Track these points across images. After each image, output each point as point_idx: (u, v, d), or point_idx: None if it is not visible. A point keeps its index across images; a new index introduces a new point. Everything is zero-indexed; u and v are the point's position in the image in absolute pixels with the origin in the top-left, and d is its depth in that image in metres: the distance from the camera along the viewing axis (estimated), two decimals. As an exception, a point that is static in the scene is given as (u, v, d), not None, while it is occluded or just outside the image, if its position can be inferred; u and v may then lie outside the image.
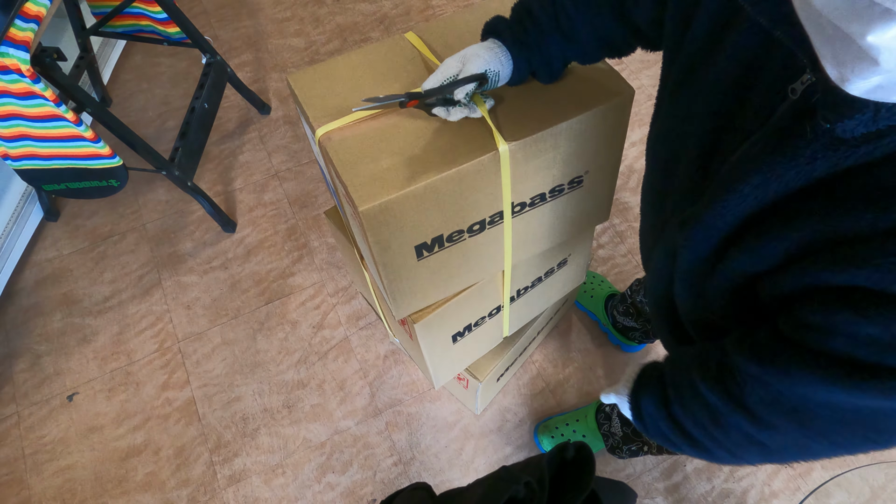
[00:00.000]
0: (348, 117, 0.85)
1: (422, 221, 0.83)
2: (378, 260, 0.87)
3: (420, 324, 1.03)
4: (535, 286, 1.21)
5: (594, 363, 1.60)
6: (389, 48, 0.95)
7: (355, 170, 0.80)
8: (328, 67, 0.93)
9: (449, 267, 0.96)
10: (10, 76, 1.20)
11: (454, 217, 0.86)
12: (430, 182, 0.78)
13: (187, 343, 1.67)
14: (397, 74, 0.90)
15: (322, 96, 0.89)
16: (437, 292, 1.01)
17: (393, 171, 0.78)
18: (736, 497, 1.42)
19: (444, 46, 0.93)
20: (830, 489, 1.12)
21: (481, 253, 0.97)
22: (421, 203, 0.80)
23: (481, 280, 1.05)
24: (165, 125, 2.07)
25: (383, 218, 0.79)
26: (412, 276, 0.93)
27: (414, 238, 0.85)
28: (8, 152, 1.41)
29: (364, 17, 2.32)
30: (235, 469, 1.50)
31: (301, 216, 1.87)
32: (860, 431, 0.52)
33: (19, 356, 1.67)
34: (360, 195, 0.77)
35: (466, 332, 1.17)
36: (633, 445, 1.35)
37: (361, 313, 1.69)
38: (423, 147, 0.81)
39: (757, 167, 0.50)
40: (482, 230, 0.92)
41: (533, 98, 0.84)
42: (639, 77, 2.09)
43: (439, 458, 1.49)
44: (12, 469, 1.52)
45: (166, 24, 1.71)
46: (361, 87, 0.89)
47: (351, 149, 0.82)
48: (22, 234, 1.75)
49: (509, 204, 0.89)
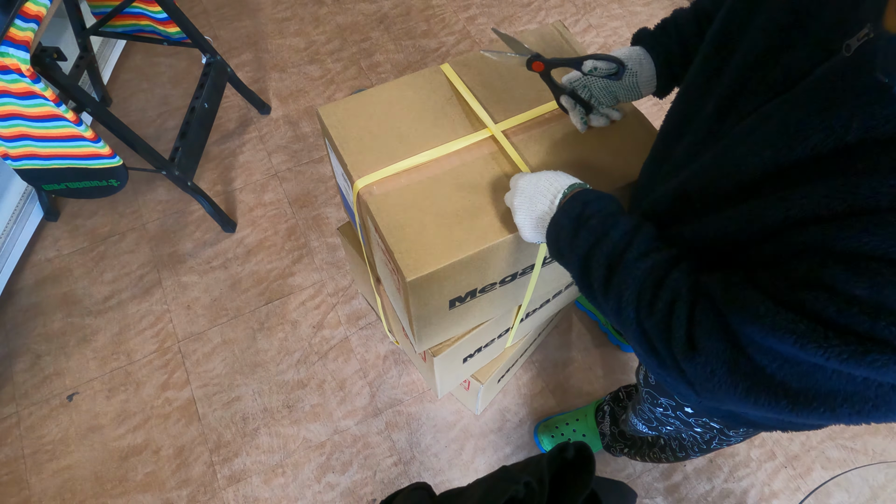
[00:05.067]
0: (389, 168, 0.81)
1: (461, 282, 0.82)
2: (413, 314, 0.85)
3: (439, 357, 1.03)
4: (543, 306, 1.22)
5: (594, 363, 1.60)
6: (425, 83, 0.91)
7: (401, 234, 0.77)
8: (361, 102, 0.89)
9: (475, 310, 0.95)
10: (10, 76, 1.20)
11: (492, 275, 0.85)
12: (478, 252, 0.77)
13: (187, 343, 1.67)
14: (437, 117, 0.87)
15: (359, 138, 0.85)
16: (458, 329, 1.01)
17: (438, 238, 0.76)
18: (736, 497, 1.42)
19: (483, 87, 0.90)
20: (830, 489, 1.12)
21: (507, 296, 0.97)
22: (464, 268, 0.79)
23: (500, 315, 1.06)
24: (165, 125, 2.07)
25: (427, 284, 0.78)
26: (441, 321, 0.92)
27: (451, 294, 0.84)
28: (8, 152, 1.41)
29: (364, 17, 2.32)
30: (235, 469, 1.50)
31: (301, 216, 1.87)
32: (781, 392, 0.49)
33: (19, 356, 1.67)
34: (408, 264, 0.75)
35: (476, 353, 1.19)
36: (619, 445, 1.35)
37: (361, 313, 1.69)
38: (471, 211, 0.78)
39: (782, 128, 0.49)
40: (513, 280, 0.92)
41: (577, 162, 0.83)
42: (639, 77, 2.09)
43: (439, 458, 1.49)
44: (12, 469, 1.52)
45: (166, 24, 1.71)
46: (399, 128, 0.86)
47: (394, 207, 0.79)
48: (22, 234, 1.75)
49: (541, 260, 0.89)
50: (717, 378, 0.52)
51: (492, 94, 0.89)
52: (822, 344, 0.44)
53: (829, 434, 1.47)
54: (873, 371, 0.43)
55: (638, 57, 0.78)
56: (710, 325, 0.52)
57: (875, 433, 1.47)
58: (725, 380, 0.51)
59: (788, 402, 0.49)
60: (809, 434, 1.47)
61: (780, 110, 0.52)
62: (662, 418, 1.00)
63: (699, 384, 0.54)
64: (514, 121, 0.87)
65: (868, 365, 0.42)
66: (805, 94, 0.50)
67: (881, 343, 0.41)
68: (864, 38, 0.46)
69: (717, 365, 0.51)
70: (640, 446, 1.28)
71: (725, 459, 1.46)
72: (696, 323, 0.53)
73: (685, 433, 1.03)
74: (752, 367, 0.49)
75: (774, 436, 1.48)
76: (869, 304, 0.41)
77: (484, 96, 0.89)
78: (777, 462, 1.45)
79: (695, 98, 0.68)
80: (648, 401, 1.00)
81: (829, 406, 0.47)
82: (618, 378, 1.58)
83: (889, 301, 0.40)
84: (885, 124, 0.43)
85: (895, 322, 0.40)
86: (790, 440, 1.47)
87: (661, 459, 1.22)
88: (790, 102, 0.52)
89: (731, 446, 1.46)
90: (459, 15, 2.30)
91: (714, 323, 0.51)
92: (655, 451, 1.22)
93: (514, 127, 0.86)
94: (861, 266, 0.41)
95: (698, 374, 0.53)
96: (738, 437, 0.91)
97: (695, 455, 1.11)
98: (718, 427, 0.89)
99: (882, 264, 0.41)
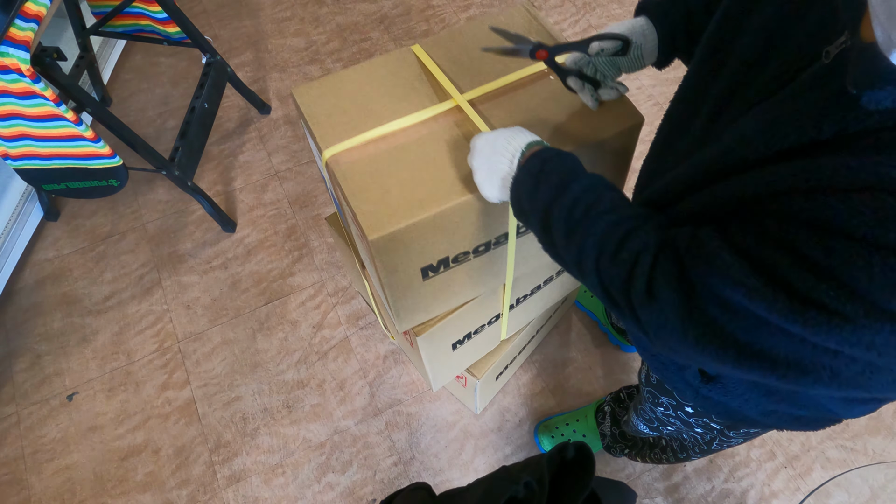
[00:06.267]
0: (356, 138, 0.84)
1: (429, 246, 0.83)
2: (384, 282, 0.86)
3: (422, 337, 1.03)
4: (535, 293, 1.21)
5: (594, 363, 1.60)
6: (396, 62, 0.93)
7: (364, 196, 0.79)
8: (334, 82, 0.92)
9: (453, 284, 0.95)
10: (10, 76, 1.20)
11: (461, 240, 0.86)
12: (440, 211, 0.77)
13: (187, 343, 1.67)
14: (405, 91, 0.89)
15: (328, 114, 0.88)
16: (439, 307, 1.01)
17: (402, 199, 0.78)
18: (736, 497, 1.42)
19: (451, 62, 0.92)
20: (830, 489, 1.12)
21: (485, 270, 0.97)
22: (429, 231, 0.80)
23: (483, 294, 1.05)
24: (165, 125, 2.07)
25: (392, 245, 0.78)
26: (417, 294, 0.92)
27: (421, 261, 0.85)
28: (8, 152, 1.41)
29: (364, 17, 2.32)
30: (235, 469, 1.50)
31: (301, 216, 1.87)
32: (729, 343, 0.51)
33: (19, 356, 1.67)
34: (370, 224, 0.76)
35: (466, 340, 1.18)
36: (620, 446, 1.35)
37: (361, 313, 1.69)
38: (434, 175, 0.80)
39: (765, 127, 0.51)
40: (487, 251, 0.92)
41: (543, 125, 0.84)
42: (639, 77, 2.09)
43: (439, 458, 1.49)
44: (12, 469, 1.52)
45: (166, 24, 1.71)
46: (369, 104, 0.88)
47: (360, 174, 0.81)
48: (22, 234, 1.75)
49: (515, 227, 0.89)
50: (669, 326, 0.54)
51: (460, 69, 0.91)
52: (769, 298, 0.46)
53: (829, 434, 1.47)
54: (808, 330, 0.45)
55: (641, 29, 0.78)
56: (670, 275, 0.54)
57: (875, 433, 1.47)
58: (677, 328, 0.53)
59: (735, 353, 0.51)
60: (809, 434, 1.47)
61: (765, 113, 0.54)
62: (663, 418, 1.00)
63: (653, 332, 0.56)
64: (480, 90, 0.88)
65: (803, 323, 0.45)
66: (787, 99, 0.52)
67: (820, 305, 0.44)
68: (842, 46, 0.48)
69: (671, 313, 0.53)
70: (641, 447, 1.28)
71: (725, 460, 1.46)
72: (657, 272, 0.55)
73: (686, 434, 1.03)
74: (704, 318, 0.51)
75: (774, 436, 1.48)
76: (819, 268, 0.44)
77: (452, 71, 0.91)
78: (777, 462, 1.45)
79: (692, 100, 0.68)
80: (650, 400, 1.00)
81: (770, 363, 0.50)
82: (618, 378, 1.58)
83: (837, 270, 0.43)
84: (855, 125, 0.45)
85: (836, 289, 0.43)
86: (790, 441, 1.47)
87: (662, 460, 1.22)
88: (774, 106, 0.53)
89: (732, 448, 1.46)
90: (459, 15, 2.30)
91: (674, 272, 0.53)
92: (657, 452, 1.22)
93: (481, 96, 0.88)
94: (820, 234, 0.44)
95: (653, 322, 0.55)
96: (739, 437, 0.91)
97: (696, 456, 1.11)
98: (719, 428, 0.89)
99: (837, 237, 0.43)
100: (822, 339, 0.45)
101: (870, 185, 0.42)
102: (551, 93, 0.88)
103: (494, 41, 0.85)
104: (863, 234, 0.42)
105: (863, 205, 0.42)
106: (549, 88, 0.88)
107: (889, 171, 0.42)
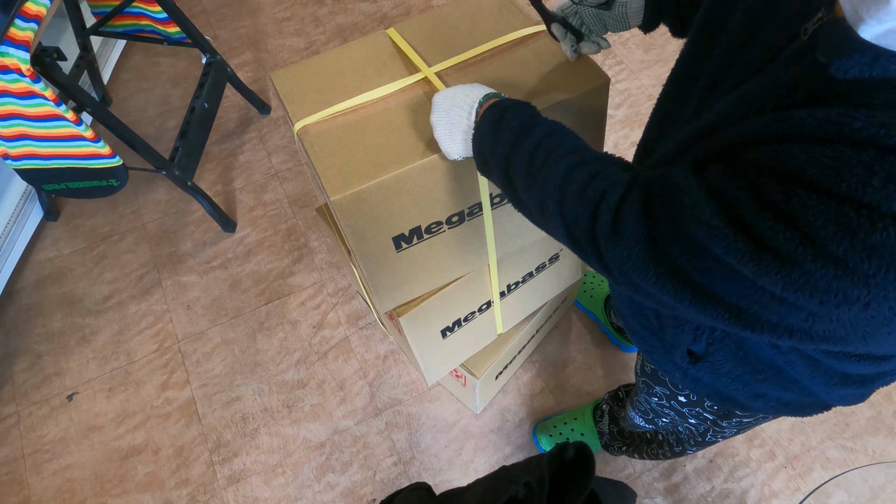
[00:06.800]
0: (326, 111, 0.87)
1: (397, 212, 0.84)
2: (356, 251, 0.88)
3: (405, 317, 1.03)
4: (527, 281, 1.21)
5: (594, 363, 1.60)
6: (370, 44, 0.97)
7: (329, 160, 0.81)
8: (311, 64, 0.95)
9: (430, 259, 0.96)
10: (10, 76, 1.20)
11: (431, 208, 0.87)
12: (402, 171, 0.79)
13: (187, 343, 1.67)
14: (377, 69, 0.92)
15: (303, 92, 0.91)
16: (421, 285, 1.02)
17: (366, 162, 0.80)
18: (736, 497, 1.42)
19: (424, 41, 0.95)
20: (830, 489, 1.12)
21: (464, 246, 0.98)
22: (394, 193, 0.81)
23: (467, 273, 1.05)
24: (165, 125, 2.07)
25: (356, 207, 0.80)
26: (393, 268, 0.94)
27: (391, 229, 0.86)
28: (8, 152, 1.41)
29: (364, 16, 2.32)
30: (235, 469, 1.50)
31: (301, 216, 1.87)
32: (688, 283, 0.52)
33: (19, 356, 1.67)
34: (332, 185, 0.78)
35: (456, 328, 1.17)
36: (618, 444, 1.35)
37: (361, 313, 1.69)
38: (399, 139, 0.82)
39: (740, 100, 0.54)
40: (461, 222, 0.93)
41: (511, 88, 0.85)
42: (639, 77, 2.09)
43: (439, 458, 1.49)
44: (12, 469, 1.52)
45: (166, 24, 1.71)
46: (341, 82, 0.91)
47: (327, 141, 0.84)
48: (22, 234, 1.75)
49: (487, 195, 0.90)
50: (631, 262, 0.55)
51: (431, 46, 0.94)
52: (729, 238, 0.47)
53: (829, 434, 1.48)
54: (759, 273, 0.46)
55: None
56: (637, 212, 0.54)
57: (875, 433, 1.47)
58: (639, 265, 0.54)
59: (691, 293, 0.52)
60: (809, 434, 1.47)
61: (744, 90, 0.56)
62: (658, 409, 1.00)
63: (616, 267, 0.57)
64: (448, 62, 0.91)
65: (756, 265, 0.46)
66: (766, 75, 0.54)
67: (774, 250, 0.45)
68: (819, 23, 0.49)
69: (634, 251, 0.54)
70: (638, 443, 1.28)
71: (725, 459, 1.46)
72: (624, 210, 0.55)
73: (681, 426, 1.03)
74: (665, 257, 0.52)
75: (774, 436, 1.48)
76: (778, 211, 0.45)
77: (424, 48, 0.93)
78: (777, 462, 1.45)
79: (683, 81, 0.70)
80: (644, 391, 1.01)
81: (723, 306, 0.51)
82: (618, 378, 1.58)
83: (794, 214, 0.44)
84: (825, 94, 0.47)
85: (791, 230, 0.44)
86: (790, 441, 1.47)
87: (659, 455, 1.22)
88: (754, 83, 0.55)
89: (732, 447, 1.46)
90: (459, 15, 2.30)
91: (640, 209, 0.54)
92: (653, 447, 1.22)
93: (448, 68, 0.90)
94: (782, 180, 0.45)
95: (615, 258, 0.56)
96: (733, 427, 0.92)
97: (691, 450, 1.11)
98: (712, 418, 0.90)
99: (797, 184, 0.44)
100: (770, 283, 0.47)
101: (830, 137, 0.44)
102: (520, 61, 0.89)
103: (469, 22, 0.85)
104: (820, 182, 0.43)
105: (823, 155, 0.43)
106: (518, 57, 0.90)
107: (850, 121, 0.43)
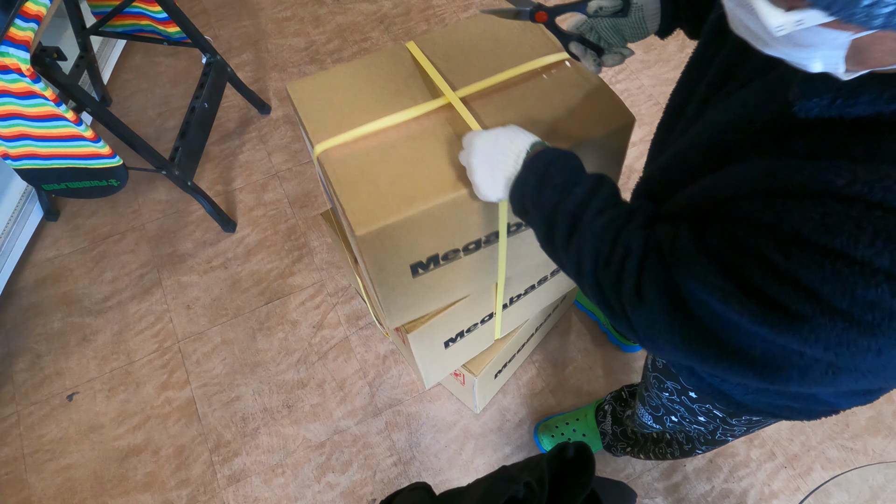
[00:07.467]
0: (347, 134, 0.84)
1: (418, 243, 0.83)
2: (374, 278, 0.87)
3: (413, 334, 1.03)
4: (528, 293, 1.21)
5: (594, 363, 1.60)
6: (390, 59, 0.94)
7: (353, 191, 0.79)
8: (328, 77, 0.93)
9: (443, 282, 0.95)
10: (10, 76, 1.20)
11: (450, 238, 0.86)
12: (430, 207, 0.77)
13: (187, 343, 1.67)
14: (398, 88, 0.90)
15: (321, 109, 0.88)
16: (430, 304, 1.01)
17: (391, 195, 0.78)
18: (736, 497, 1.42)
19: (445, 60, 0.92)
20: (830, 489, 1.12)
21: (476, 268, 0.97)
22: (418, 227, 0.80)
23: (475, 293, 1.05)
24: (165, 125, 2.07)
25: (380, 241, 0.79)
26: (407, 291, 0.92)
27: (410, 258, 0.85)
28: (8, 152, 1.41)
29: (364, 16, 2.32)
30: (235, 469, 1.50)
31: (301, 216, 1.87)
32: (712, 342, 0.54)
33: (19, 356, 1.67)
34: (358, 219, 0.76)
35: (459, 339, 1.18)
36: (622, 445, 1.35)
37: (361, 313, 1.69)
38: (424, 171, 0.80)
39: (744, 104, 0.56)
40: (478, 249, 0.92)
41: (535, 124, 0.84)
42: (639, 77, 2.10)
43: (439, 458, 1.49)
44: (12, 469, 1.52)
45: (166, 24, 1.71)
46: (361, 100, 0.89)
47: (350, 169, 0.81)
48: (22, 234, 1.75)
49: (505, 225, 0.89)
50: (658, 326, 0.57)
51: (453, 66, 0.92)
52: (742, 301, 0.49)
53: (829, 434, 1.47)
54: (774, 332, 0.48)
55: None
56: (656, 278, 0.56)
57: (875, 433, 1.47)
58: (666, 328, 0.56)
59: (716, 352, 0.54)
60: (809, 434, 1.47)
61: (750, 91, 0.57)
62: (668, 404, 1.00)
63: (643, 331, 0.59)
64: (472, 88, 0.89)
65: (770, 325, 0.47)
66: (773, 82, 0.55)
67: (783, 308, 0.46)
68: None
69: (660, 314, 0.56)
70: (644, 443, 1.27)
71: (725, 459, 1.46)
72: (644, 276, 0.57)
73: (689, 426, 1.03)
74: (690, 318, 0.54)
75: (774, 436, 1.48)
76: (780, 271, 0.46)
77: (446, 68, 0.91)
78: (777, 462, 1.45)
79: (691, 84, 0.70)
80: (655, 386, 1.00)
81: (748, 362, 0.52)
82: (618, 378, 1.58)
83: (795, 272, 0.45)
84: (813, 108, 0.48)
85: (796, 290, 0.45)
86: (790, 441, 1.47)
87: (668, 455, 1.21)
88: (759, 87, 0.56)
89: (732, 447, 1.46)
90: (459, 15, 2.30)
91: (659, 276, 0.56)
92: (661, 447, 1.21)
93: (473, 94, 0.89)
94: (779, 238, 0.46)
95: (642, 322, 0.58)
96: (742, 426, 0.92)
97: (700, 448, 1.11)
98: (721, 416, 0.90)
99: (793, 241, 0.45)
100: (786, 341, 0.48)
101: (819, 191, 0.45)
102: (544, 91, 0.88)
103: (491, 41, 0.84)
104: (815, 239, 0.44)
105: (814, 210, 0.44)
106: (542, 87, 0.88)
107: (834, 178, 0.44)
